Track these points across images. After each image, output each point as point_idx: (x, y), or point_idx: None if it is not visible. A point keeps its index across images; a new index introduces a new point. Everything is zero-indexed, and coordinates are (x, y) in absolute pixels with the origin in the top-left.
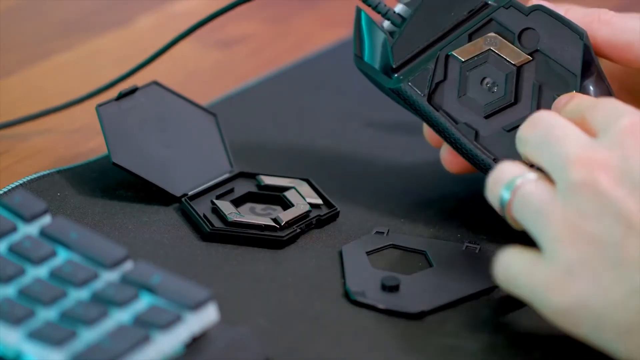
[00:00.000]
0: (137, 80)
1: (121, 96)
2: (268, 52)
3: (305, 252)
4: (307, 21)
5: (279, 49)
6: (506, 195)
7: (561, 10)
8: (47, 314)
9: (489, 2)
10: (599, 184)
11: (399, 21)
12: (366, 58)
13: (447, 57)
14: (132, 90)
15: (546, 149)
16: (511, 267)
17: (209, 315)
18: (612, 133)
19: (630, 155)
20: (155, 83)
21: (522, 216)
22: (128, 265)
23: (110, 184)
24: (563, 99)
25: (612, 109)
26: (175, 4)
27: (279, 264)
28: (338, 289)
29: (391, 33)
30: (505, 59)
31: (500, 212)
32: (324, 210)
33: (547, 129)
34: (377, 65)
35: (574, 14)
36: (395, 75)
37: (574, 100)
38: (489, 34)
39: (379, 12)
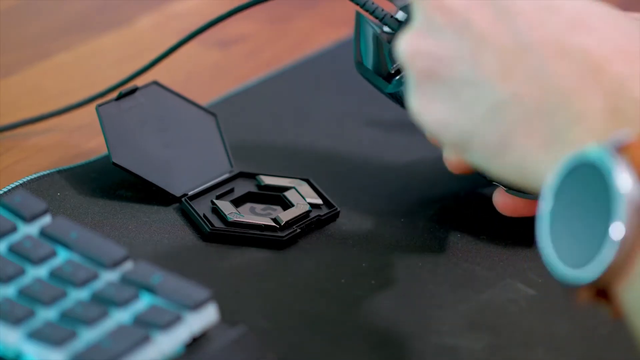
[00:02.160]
0: (137, 80)
1: (121, 96)
2: (268, 52)
3: (305, 252)
4: (307, 21)
5: (279, 49)
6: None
7: None
8: (47, 314)
9: None
10: (441, 1)
11: (397, 26)
12: (365, 63)
13: None
14: (132, 90)
15: None
16: (406, 96)
17: (209, 315)
18: None
19: None
20: (155, 83)
21: (400, 62)
22: (128, 265)
23: (110, 184)
24: None
25: None
26: (175, 4)
27: (279, 264)
28: (338, 289)
29: (389, 38)
30: None
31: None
32: (324, 210)
33: None
34: (376, 70)
35: None
36: (394, 79)
37: None
38: None
39: (376, 17)
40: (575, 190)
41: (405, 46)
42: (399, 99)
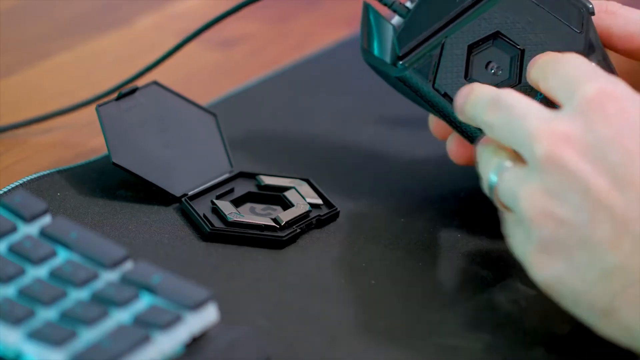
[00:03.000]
0: (137, 80)
1: (121, 96)
2: (268, 52)
3: (305, 252)
4: (307, 21)
5: (279, 49)
6: (494, 181)
7: None
8: (47, 314)
9: None
10: (563, 158)
11: (405, 12)
12: (373, 50)
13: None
14: (132, 91)
15: (511, 129)
16: (511, 237)
17: (209, 315)
18: (576, 102)
19: (595, 127)
20: (155, 83)
21: (506, 202)
22: (128, 265)
23: (110, 184)
24: (531, 61)
25: (575, 70)
26: (175, 4)
27: (279, 264)
28: (338, 289)
29: (397, 25)
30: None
31: (490, 195)
32: (324, 210)
33: (508, 109)
34: (383, 56)
35: None
36: (401, 63)
37: (539, 60)
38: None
39: (385, 4)
40: None
41: (533, 203)
42: (405, 83)
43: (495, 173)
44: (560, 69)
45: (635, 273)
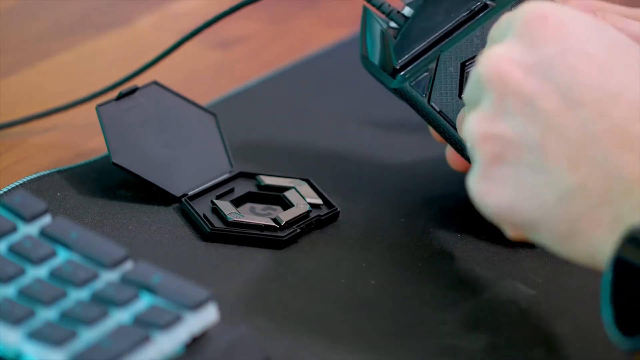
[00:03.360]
0: (137, 80)
1: (121, 96)
2: (268, 52)
3: (305, 252)
4: (307, 21)
5: (279, 49)
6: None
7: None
8: (47, 314)
9: (489, 2)
10: (505, 76)
11: (403, 21)
12: (371, 57)
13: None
14: (132, 91)
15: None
16: (468, 180)
17: (209, 315)
18: (515, 28)
19: (537, 46)
20: (155, 83)
21: (467, 141)
22: (128, 265)
23: (110, 184)
24: None
25: (509, 14)
26: (175, 4)
27: (279, 264)
28: (338, 289)
29: (395, 33)
30: None
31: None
32: (324, 210)
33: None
34: (381, 65)
35: None
36: (399, 75)
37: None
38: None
39: (382, 12)
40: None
41: (475, 127)
42: (402, 95)
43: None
44: (499, 22)
45: (597, 194)
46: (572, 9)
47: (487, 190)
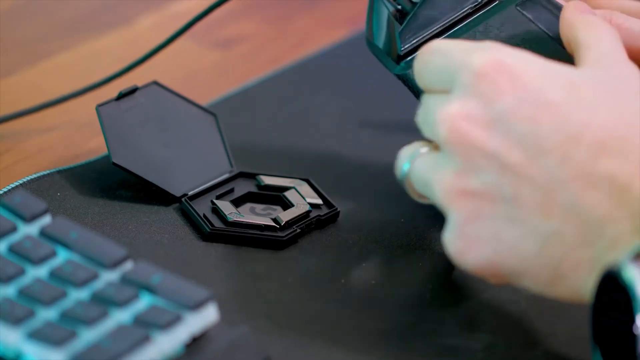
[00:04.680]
0: (137, 80)
1: (121, 96)
2: (268, 52)
3: (305, 252)
4: (307, 21)
5: (279, 49)
6: (405, 168)
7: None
8: (47, 314)
9: None
10: (467, 136)
11: (410, 6)
12: (376, 41)
13: None
14: (132, 90)
15: (425, 122)
16: (443, 238)
17: (209, 315)
18: (464, 80)
19: (492, 101)
20: (155, 83)
21: (420, 189)
22: (128, 265)
23: (110, 184)
24: None
25: (446, 56)
26: (175, 4)
27: (279, 264)
28: (338, 289)
29: (402, 19)
30: None
31: (402, 184)
32: (324, 210)
33: (424, 105)
34: (385, 50)
35: None
36: (402, 62)
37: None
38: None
39: None
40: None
41: (446, 186)
42: (405, 81)
43: (408, 161)
44: (430, 61)
45: (573, 238)
46: (522, 53)
47: (465, 249)
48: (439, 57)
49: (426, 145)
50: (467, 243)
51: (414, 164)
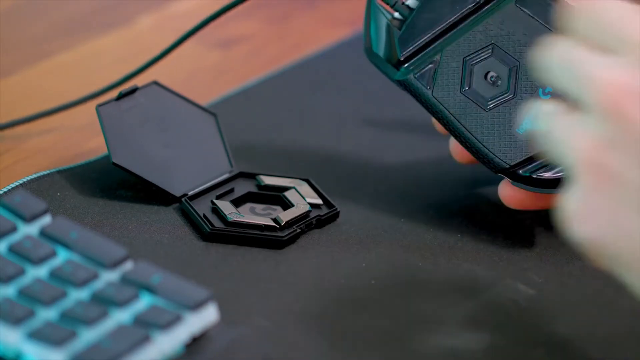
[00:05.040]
0: (137, 80)
1: (121, 96)
2: (268, 52)
3: (305, 252)
4: (307, 21)
5: (279, 49)
6: (545, 124)
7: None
8: (47, 314)
9: None
10: (625, 110)
11: (407, 12)
12: (375, 49)
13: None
14: (132, 91)
15: (568, 73)
16: (562, 198)
17: (209, 315)
18: (634, 50)
19: None
20: (155, 83)
21: (556, 150)
22: (128, 265)
23: (110, 184)
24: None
25: (618, 18)
26: (175, 4)
27: (279, 264)
28: (338, 289)
29: (400, 25)
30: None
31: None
32: (324, 210)
33: (566, 51)
34: (384, 57)
35: None
36: (402, 67)
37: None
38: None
39: (387, 3)
40: None
41: (586, 155)
42: (406, 87)
43: (546, 118)
44: (601, 15)
45: None
46: None
47: (583, 217)
48: (614, 14)
49: (562, 105)
50: (587, 213)
51: (556, 122)
